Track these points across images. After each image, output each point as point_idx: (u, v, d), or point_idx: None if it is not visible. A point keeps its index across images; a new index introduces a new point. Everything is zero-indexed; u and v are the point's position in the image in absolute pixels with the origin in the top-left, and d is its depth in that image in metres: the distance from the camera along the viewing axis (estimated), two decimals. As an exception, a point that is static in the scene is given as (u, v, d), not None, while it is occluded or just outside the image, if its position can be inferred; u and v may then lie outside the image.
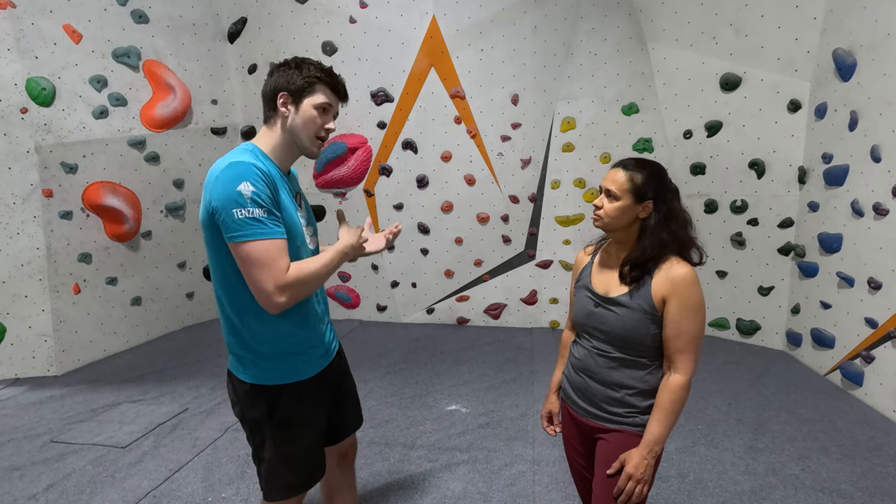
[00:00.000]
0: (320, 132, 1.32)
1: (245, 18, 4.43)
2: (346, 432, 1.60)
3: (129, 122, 3.83)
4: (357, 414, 1.64)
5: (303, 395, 1.35)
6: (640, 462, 1.20)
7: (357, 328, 4.53)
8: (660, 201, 1.26)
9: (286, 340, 1.32)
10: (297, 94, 1.29)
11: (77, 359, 3.58)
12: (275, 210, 1.19)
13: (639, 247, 1.27)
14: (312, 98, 1.29)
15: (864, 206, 3.00)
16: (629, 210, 1.26)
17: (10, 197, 3.28)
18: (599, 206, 1.29)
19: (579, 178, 4.30)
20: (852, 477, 2.25)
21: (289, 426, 1.34)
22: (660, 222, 1.25)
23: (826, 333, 3.31)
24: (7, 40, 3.18)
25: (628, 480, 1.20)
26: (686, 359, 1.21)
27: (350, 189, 4.59)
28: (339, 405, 1.54)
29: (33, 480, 2.26)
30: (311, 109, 1.29)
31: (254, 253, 1.14)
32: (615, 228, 1.29)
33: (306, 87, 1.29)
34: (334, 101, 1.35)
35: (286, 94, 1.29)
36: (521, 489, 2.20)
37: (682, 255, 1.26)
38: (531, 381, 3.32)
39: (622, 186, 1.25)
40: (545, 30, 4.10)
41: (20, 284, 3.34)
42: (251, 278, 1.16)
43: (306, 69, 1.29)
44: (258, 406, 1.32)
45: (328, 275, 1.28)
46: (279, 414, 1.33)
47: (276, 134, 1.31)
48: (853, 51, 3.08)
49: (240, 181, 1.13)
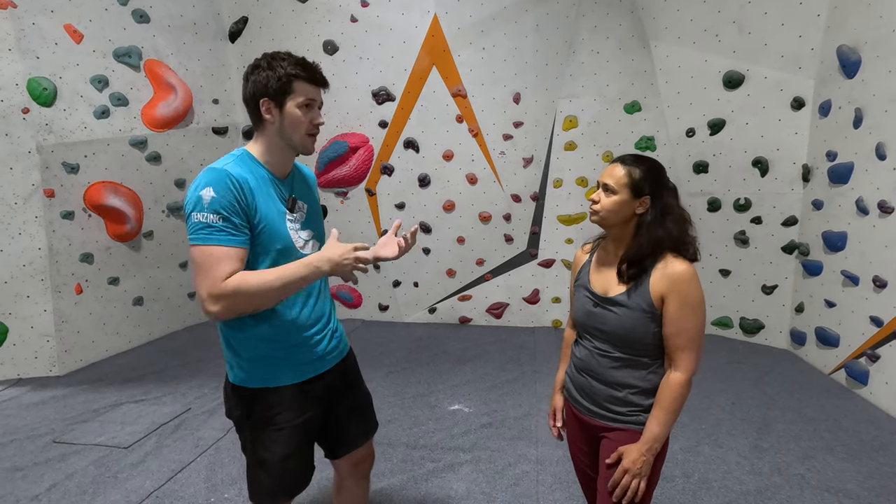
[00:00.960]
0: (310, 129, 1.30)
1: (246, 18, 4.43)
2: (349, 446, 1.53)
3: (130, 121, 3.82)
4: (365, 427, 1.56)
5: (282, 401, 1.32)
6: (638, 458, 1.20)
7: (359, 328, 4.52)
8: (657, 197, 1.26)
9: (263, 345, 1.29)
10: (277, 97, 1.25)
11: (79, 359, 3.58)
12: (235, 218, 1.17)
13: (635, 244, 1.26)
14: (294, 98, 1.25)
15: (868, 204, 2.98)
16: (626, 205, 1.25)
17: (11, 197, 3.27)
18: (597, 201, 1.29)
19: (581, 176, 4.28)
20: (858, 476, 2.24)
21: (265, 431, 1.32)
22: (656, 218, 1.25)
23: (831, 332, 3.30)
24: (8, 40, 3.17)
25: (624, 474, 1.21)
26: (687, 356, 1.21)
27: (351, 188, 4.58)
28: (339, 417, 1.49)
29: (36, 481, 2.26)
30: (296, 110, 1.26)
31: (197, 257, 1.15)
32: (612, 224, 1.28)
33: (285, 89, 1.25)
34: (316, 94, 1.30)
35: (266, 99, 1.25)
36: (525, 489, 2.19)
37: (678, 251, 1.25)
38: (534, 381, 3.30)
39: (620, 181, 1.25)
40: (547, 28, 4.09)
41: (22, 285, 3.34)
42: (194, 282, 1.18)
43: (280, 68, 1.24)
44: (240, 407, 1.34)
45: (285, 288, 1.18)
46: (255, 417, 1.32)
47: (266, 139, 1.29)
48: (857, 48, 3.06)
49: (205, 186, 1.16)
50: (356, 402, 1.54)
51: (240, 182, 1.19)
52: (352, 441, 1.53)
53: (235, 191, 1.18)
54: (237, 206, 1.18)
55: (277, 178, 1.32)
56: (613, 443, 1.29)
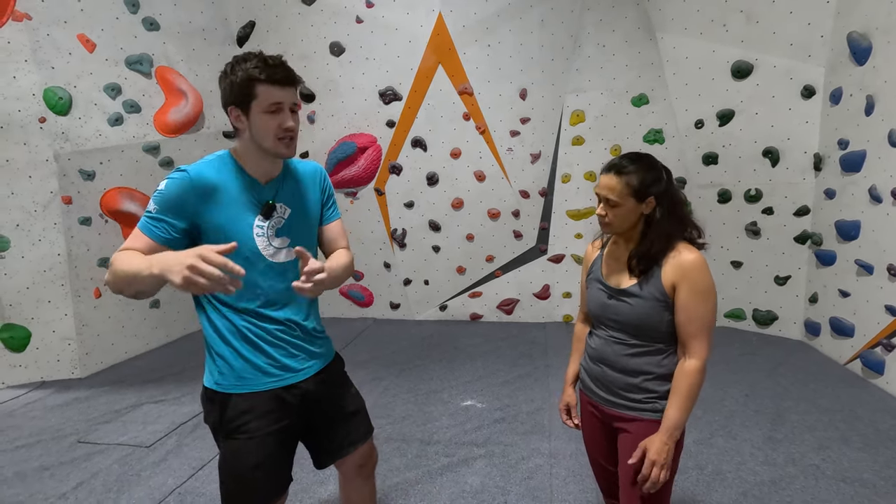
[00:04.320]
0: (280, 133, 1.22)
1: (253, 22, 4.47)
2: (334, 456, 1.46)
3: (143, 128, 3.90)
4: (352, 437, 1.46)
5: (252, 408, 1.28)
6: (662, 447, 1.22)
7: (371, 326, 4.56)
8: (661, 195, 1.26)
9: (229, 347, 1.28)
10: (242, 104, 1.20)
11: (100, 361, 3.67)
12: (169, 215, 1.17)
13: (646, 241, 1.28)
14: (258, 103, 1.19)
15: (882, 192, 2.95)
16: (633, 211, 1.27)
17: (31, 205, 3.36)
18: (604, 214, 1.29)
19: (590, 171, 4.28)
20: (875, 466, 2.22)
21: (232, 437, 1.29)
22: (664, 215, 1.26)
23: (845, 322, 3.27)
24: (24, 52, 3.25)
25: (652, 467, 1.21)
26: (699, 343, 1.22)
27: (361, 188, 4.62)
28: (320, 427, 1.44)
29: (63, 479, 2.33)
30: (262, 115, 1.20)
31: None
32: (624, 230, 1.30)
33: (248, 94, 1.19)
34: (283, 96, 1.21)
35: (233, 107, 1.22)
36: (539, 482, 2.21)
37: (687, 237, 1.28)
38: (546, 376, 3.32)
39: (621, 192, 1.25)
40: (552, 23, 4.08)
41: (43, 290, 3.43)
42: None
43: (241, 71, 1.18)
44: (212, 412, 1.31)
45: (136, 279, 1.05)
46: (225, 423, 1.29)
47: (242, 144, 1.27)
48: (868, 34, 3.02)
49: (165, 179, 1.21)
50: (340, 412, 1.45)
51: (196, 184, 1.20)
52: (336, 451, 1.45)
53: (185, 192, 1.19)
54: (179, 205, 1.18)
55: (258, 182, 1.28)
56: (633, 436, 1.30)
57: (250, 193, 1.27)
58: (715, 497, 2.07)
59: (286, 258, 1.31)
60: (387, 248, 4.67)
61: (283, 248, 1.31)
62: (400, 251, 4.65)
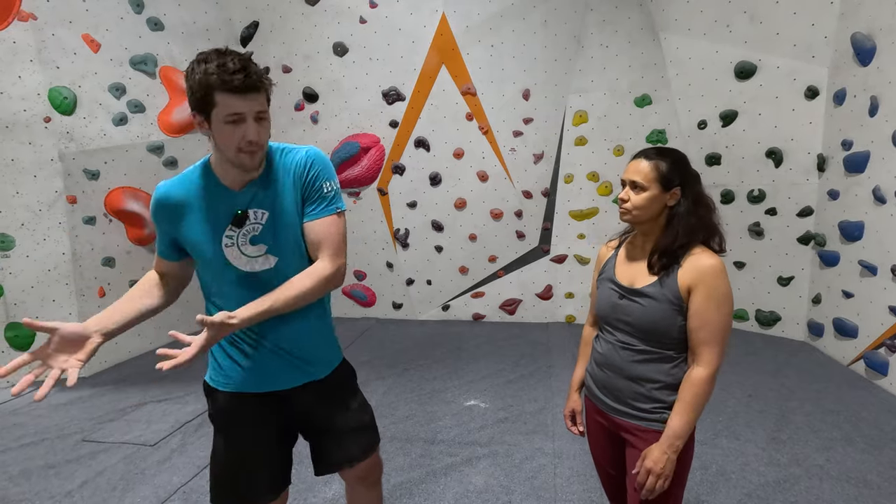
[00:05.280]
0: (241, 144, 1.11)
1: (257, 22, 4.49)
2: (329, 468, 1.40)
3: (147, 128, 3.91)
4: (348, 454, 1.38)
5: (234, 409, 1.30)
6: (660, 457, 1.17)
7: (373, 326, 4.57)
8: (687, 187, 1.25)
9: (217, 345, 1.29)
10: (203, 111, 1.10)
11: (104, 360, 3.68)
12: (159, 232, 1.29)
13: (669, 233, 1.24)
14: (217, 111, 1.08)
15: (886, 193, 2.94)
16: (658, 199, 1.23)
17: (36, 204, 3.37)
18: (626, 199, 1.25)
19: (592, 171, 4.28)
20: (879, 467, 2.22)
21: (218, 432, 1.33)
22: (688, 208, 1.24)
23: (849, 323, 3.26)
24: (30, 52, 3.26)
25: (647, 475, 1.19)
26: (710, 351, 1.17)
27: (364, 188, 4.62)
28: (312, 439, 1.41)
29: (68, 478, 2.33)
30: (222, 126, 1.09)
31: None
32: (644, 220, 1.26)
33: (207, 101, 1.07)
34: (244, 106, 1.08)
35: (195, 113, 1.11)
36: (543, 482, 2.21)
37: (708, 241, 1.25)
38: (549, 376, 3.32)
39: (648, 176, 1.23)
40: (555, 23, 4.09)
41: (48, 289, 3.44)
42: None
43: (200, 74, 1.06)
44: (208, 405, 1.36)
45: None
46: (213, 416, 1.34)
47: (214, 150, 1.19)
48: (872, 34, 3.02)
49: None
50: (332, 427, 1.37)
51: (163, 204, 1.25)
52: (331, 464, 1.39)
53: (156, 212, 1.26)
54: (157, 223, 1.28)
55: (230, 189, 1.21)
56: (638, 451, 1.25)
57: (223, 203, 1.20)
58: (719, 498, 2.07)
59: (262, 266, 1.22)
60: (389, 248, 4.68)
61: (258, 255, 1.22)
62: (403, 251, 4.66)
